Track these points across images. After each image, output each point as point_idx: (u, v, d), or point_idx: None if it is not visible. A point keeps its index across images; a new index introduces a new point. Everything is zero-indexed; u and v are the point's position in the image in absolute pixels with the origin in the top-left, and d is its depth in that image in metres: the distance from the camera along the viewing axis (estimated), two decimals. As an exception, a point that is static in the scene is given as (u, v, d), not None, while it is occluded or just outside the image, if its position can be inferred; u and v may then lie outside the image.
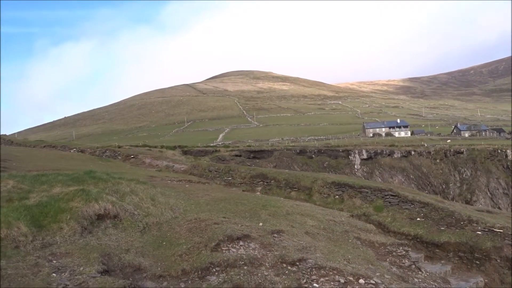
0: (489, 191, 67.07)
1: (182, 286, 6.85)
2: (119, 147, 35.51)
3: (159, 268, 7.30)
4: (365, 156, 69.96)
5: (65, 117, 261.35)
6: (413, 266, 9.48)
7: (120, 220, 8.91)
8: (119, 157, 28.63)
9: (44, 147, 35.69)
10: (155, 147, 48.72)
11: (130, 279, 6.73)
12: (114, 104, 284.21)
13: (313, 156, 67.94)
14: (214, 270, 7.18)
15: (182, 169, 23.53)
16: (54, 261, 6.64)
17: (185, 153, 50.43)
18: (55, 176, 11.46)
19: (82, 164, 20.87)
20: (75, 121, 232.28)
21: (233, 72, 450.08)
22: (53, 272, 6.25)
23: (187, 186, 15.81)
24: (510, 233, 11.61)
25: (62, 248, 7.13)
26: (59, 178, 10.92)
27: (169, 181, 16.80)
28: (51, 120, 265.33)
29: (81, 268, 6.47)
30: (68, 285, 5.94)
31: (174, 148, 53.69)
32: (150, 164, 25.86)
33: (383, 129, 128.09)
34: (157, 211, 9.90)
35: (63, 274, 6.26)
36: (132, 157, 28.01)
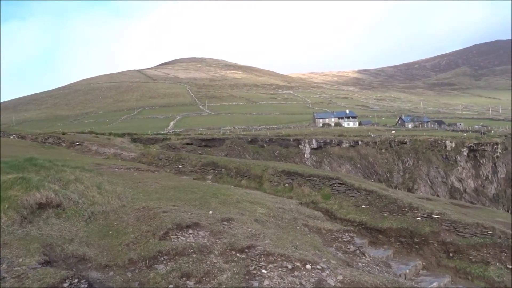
0: (429, 179, 70.88)
1: (129, 275, 6.71)
2: (64, 133, 34.06)
3: (105, 258, 7.11)
4: (315, 146, 71.52)
5: (3, 101, 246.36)
6: (358, 251, 9.85)
7: (64, 209, 8.57)
8: (63, 144, 27.46)
9: (-20, 132, 33.50)
10: (103, 134, 47.05)
11: (74, 269, 6.51)
12: (58, 88, 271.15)
13: (265, 145, 68.60)
14: (162, 258, 7.10)
15: (130, 157, 22.96)
16: (-9, 253, 6.29)
17: (134, 140, 49.22)
18: (-8, 163, 10.81)
19: (23, 151, 19.80)
20: (16, 105, 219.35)
21: (185, 59, 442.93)
22: (-11, 264, 5.92)
23: (135, 174, 15.46)
24: (446, 218, 12.34)
25: (-1, 239, 6.76)
26: (-4, 166, 10.31)
27: (116, 169, 16.35)
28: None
29: (20, 260, 6.17)
30: (6, 277, 5.65)
31: (122, 135, 52.23)
32: (97, 151, 25.02)
33: (333, 119, 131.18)
34: (103, 200, 9.61)
35: (0, 266, 5.95)
36: (78, 144, 26.95)
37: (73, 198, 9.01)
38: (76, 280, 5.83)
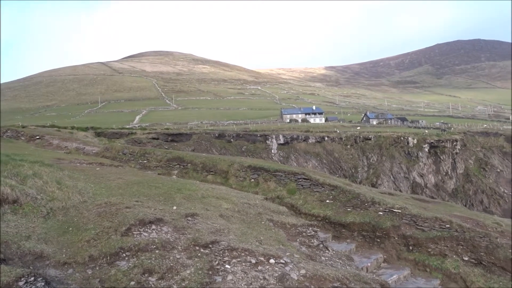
0: (392, 175, 72.80)
1: (89, 272, 6.56)
2: (23, 127, 32.86)
3: (64, 255, 6.91)
4: (282, 141, 72.02)
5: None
6: (321, 245, 10.00)
7: (21, 205, 8.27)
8: (22, 138, 26.47)
9: None
10: (65, 127, 45.58)
11: (31, 267, 6.30)
12: (18, 80, 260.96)
13: (232, 140, 68.48)
14: (124, 255, 6.97)
15: (93, 151, 22.40)
16: None
17: (98, 135, 48.07)
18: None
19: (-22, 145, 18.98)
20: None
21: (151, 52, 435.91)
22: None
23: (98, 169, 15.09)
24: (407, 213, 12.70)
25: (-51, 237, 6.45)
26: None
27: (78, 164, 15.90)
28: None
29: (-27, 258, 5.91)
30: (-44, 277, 5.40)
31: (86, 129, 50.85)
32: (58, 145, 24.26)
33: (300, 115, 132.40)
34: (63, 195, 9.33)
35: (-50, 264, 5.68)
36: (38, 138, 26.04)
37: (31, 194, 8.71)
38: (32, 278, 5.65)
